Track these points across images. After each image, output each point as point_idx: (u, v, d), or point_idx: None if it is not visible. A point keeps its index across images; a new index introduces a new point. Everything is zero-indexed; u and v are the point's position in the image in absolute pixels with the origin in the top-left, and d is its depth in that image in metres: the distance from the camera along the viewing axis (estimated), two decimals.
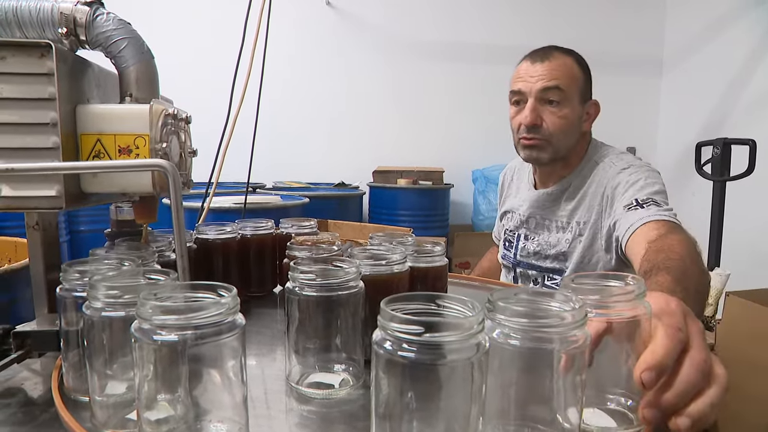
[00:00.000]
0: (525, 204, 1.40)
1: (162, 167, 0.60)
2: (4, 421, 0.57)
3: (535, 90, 1.21)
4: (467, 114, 3.65)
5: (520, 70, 1.26)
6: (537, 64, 1.22)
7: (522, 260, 1.39)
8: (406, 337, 0.39)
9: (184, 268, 0.60)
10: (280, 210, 2.03)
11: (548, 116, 1.22)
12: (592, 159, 1.29)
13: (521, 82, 1.24)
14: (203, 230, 0.93)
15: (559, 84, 1.20)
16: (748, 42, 3.05)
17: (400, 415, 0.42)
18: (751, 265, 2.65)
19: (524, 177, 1.47)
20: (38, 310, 0.71)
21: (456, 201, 3.56)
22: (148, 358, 0.45)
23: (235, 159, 1.32)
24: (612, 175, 1.21)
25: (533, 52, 1.26)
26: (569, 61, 1.23)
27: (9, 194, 0.62)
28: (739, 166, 2.30)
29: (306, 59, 3.48)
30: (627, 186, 1.16)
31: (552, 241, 1.31)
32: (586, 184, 1.26)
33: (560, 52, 1.24)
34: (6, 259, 1.50)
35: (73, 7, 0.67)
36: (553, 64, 1.21)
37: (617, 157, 1.27)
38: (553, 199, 1.32)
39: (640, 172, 1.18)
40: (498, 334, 0.44)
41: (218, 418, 0.48)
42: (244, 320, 0.47)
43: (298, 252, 0.77)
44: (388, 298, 0.44)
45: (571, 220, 1.28)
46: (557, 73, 1.20)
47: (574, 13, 3.66)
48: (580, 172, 1.29)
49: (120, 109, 0.67)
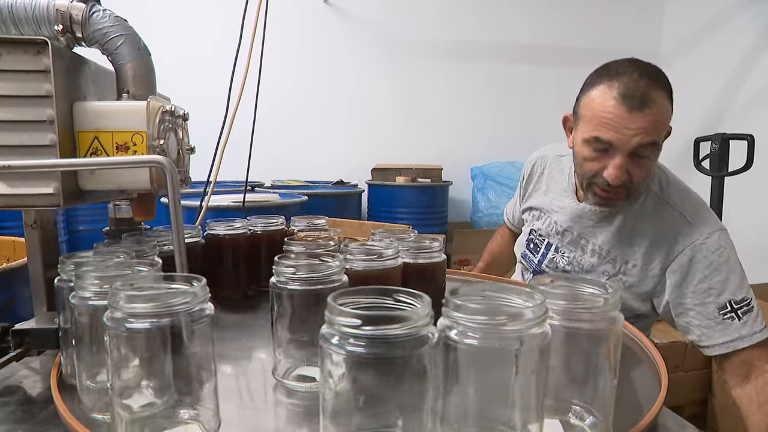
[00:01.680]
0: (564, 214, 1.22)
1: (160, 163, 0.60)
2: (3, 419, 0.57)
3: (629, 147, 0.98)
4: (466, 111, 3.65)
5: (609, 113, 0.98)
6: (636, 114, 0.97)
7: (547, 271, 1.26)
8: (350, 331, 0.39)
9: (183, 264, 0.60)
10: (279, 208, 2.03)
11: (636, 171, 1.02)
12: (651, 191, 1.12)
13: (613, 133, 0.98)
14: (213, 226, 0.96)
15: (657, 139, 0.99)
16: (746, 38, 3.05)
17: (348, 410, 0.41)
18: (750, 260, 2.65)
19: (560, 178, 1.28)
20: (37, 309, 0.71)
21: (455, 198, 3.56)
22: (119, 346, 0.46)
23: (233, 157, 1.32)
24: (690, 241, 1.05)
25: (629, 95, 0.97)
26: (665, 101, 1.00)
27: (6, 192, 0.62)
28: (737, 162, 2.30)
29: (304, 57, 3.47)
30: (710, 268, 1.03)
31: (585, 265, 1.17)
32: (644, 222, 1.10)
33: (656, 89, 0.98)
34: (4, 258, 1.50)
35: (69, 4, 0.67)
36: (654, 113, 0.97)
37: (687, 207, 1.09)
38: (599, 220, 1.15)
39: (723, 250, 1.04)
40: (455, 333, 0.43)
41: (189, 405, 0.50)
42: (213, 310, 0.50)
43: (295, 247, 0.77)
44: (338, 293, 0.43)
45: (615, 253, 1.12)
46: (657, 126, 0.98)
47: (573, 10, 3.66)
48: (637, 202, 1.11)
49: (117, 105, 0.67)
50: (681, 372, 1.97)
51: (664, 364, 0.67)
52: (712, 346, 1.01)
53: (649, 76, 1.00)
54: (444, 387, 0.43)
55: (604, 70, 1.04)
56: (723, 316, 1.00)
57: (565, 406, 0.54)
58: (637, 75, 0.99)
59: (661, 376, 0.66)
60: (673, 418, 0.62)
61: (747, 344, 0.98)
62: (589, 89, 1.04)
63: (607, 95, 1.00)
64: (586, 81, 1.08)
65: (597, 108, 1.01)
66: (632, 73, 0.99)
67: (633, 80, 0.98)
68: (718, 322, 1.01)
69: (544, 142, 1.45)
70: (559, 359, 0.51)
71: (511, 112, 3.61)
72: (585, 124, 1.04)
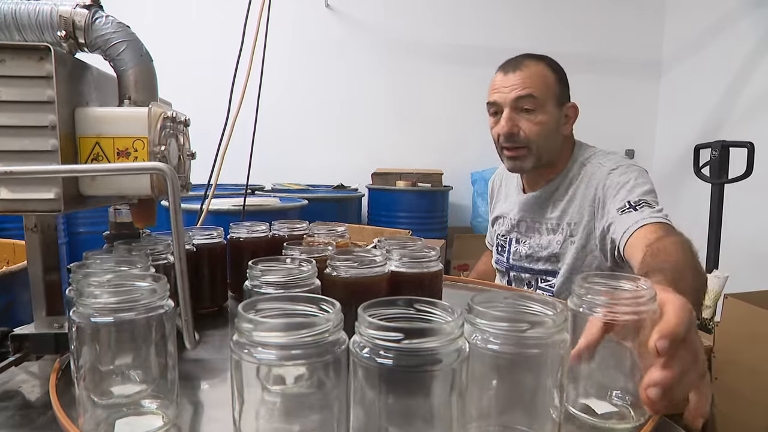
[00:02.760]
0: (515, 208, 1.41)
1: (161, 170, 0.60)
2: (2, 424, 0.57)
3: (509, 100, 1.23)
4: (466, 116, 3.66)
5: (495, 82, 1.28)
6: (510, 75, 1.24)
7: (515, 264, 1.40)
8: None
9: (183, 270, 0.60)
10: (279, 212, 2.03)
11: (524, 124, 1.24)
12: (578, 160, 1.31)
13: (496, 94, 1.26)
14: (236, 229, 0.99)
15: (532, 92, 1.22)
16: (746, 44, 3.06)
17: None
18: (750, 267, 2.66)
19: (512, 182, 1.49)
20: (36, 313, 0.71)
21: (455, 203, 3.57)
22: (85, 339, 0.50)
23: (234, 161, 1.32)
24: (602, 176, 1.23)
25: (505, 63, 1.28)
26: (541, 67, 1.25)
27: (8, 197, 0.62)
28: (737, 169, 2.30)
29: (305, 61, 3.48)
30: (618, 187, 1.18)
31: (543, 243, 1.33)
32: (574, 186, 1.28)
33: (532, 59, 1.26)
34: (4, 261, 1.50)
35: (72, 10, 0.67)
36: (525, 73, 1.23)
37: (605, 158, 1.28)
38: (542, 202, 1.34)
39: (630, 172, 1.20)
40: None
41: (150, 396, 0.55)
42: (172, 305, 0.54)
43: (291, 251, 0.77)
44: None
45: (561, 221, 1.29)
46: (529, 81, 1.22)
47: (573, 15, 3.67)
48: (567, 173, 1.31)
49: (119, 111, 0.67)
50: None
51: None
52: (618, 240, 1.10)
53: (529, 54, 1.28)
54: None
55: None
56: (621, 213, 1.12)
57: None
58: (519, 55, 1.29)
59: None
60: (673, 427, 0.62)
61: (641, 224, 1.05)
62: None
63: (495, 74, 1.30)
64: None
65: (490, 85, 1.31)
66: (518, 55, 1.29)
67: (514, 57, 1.29)
68: (618, 219, 1.12)
69: None
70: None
71: None
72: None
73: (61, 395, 0.57)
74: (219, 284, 0.98)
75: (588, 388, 0.58)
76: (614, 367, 0.58)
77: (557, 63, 1.30)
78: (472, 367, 0.43)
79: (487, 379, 0.45)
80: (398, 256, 0.74)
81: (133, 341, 0.52)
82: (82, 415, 0.52)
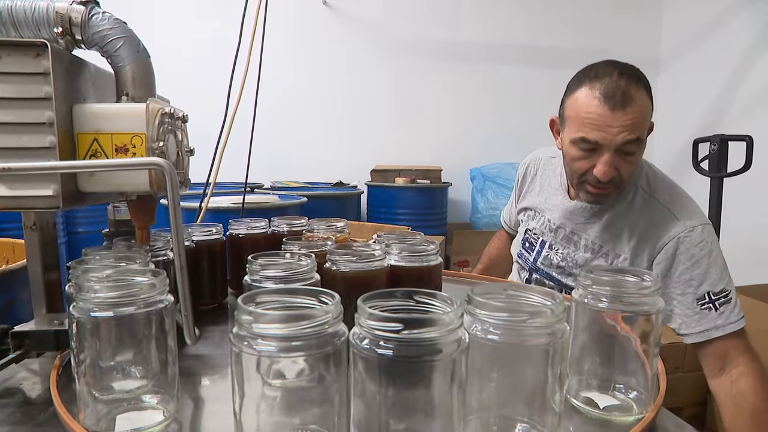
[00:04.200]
0: (556, 212, 1.26)
1: (159, 166, 0.60)
2: (2, 421, 0.57)
3: (615, 144, 1.03)
4: (465, 112, 3.66)
5: (594, 114, 1.03)
6: (618, 113, 1.01)
7: (542, 268, 1.29)
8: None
9: (182, 266, 0.60)
10: (278, 210, 2.03)
11: (624, 166, 1.07)
12: (640, 187, 1.17)
13: (597, 133, 1.03)
14: (235, 225, 1.00)
15: (641, 135, 1.04)
16: (744, 39, 3.06)
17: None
18: (749, 261, 2.66)
19: (552, 178, 1.33)
20: (36, 311, 0.71)
21: (454, 199, 3.56)
22: (85, 334, 0.51)
23: (232, 159, 1.32)
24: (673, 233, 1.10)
25: (609, 92, 1.02)
26: (645, 98, 1.04)
27: (6, 194, 0.62)
28: (736, 163, 2.30)
29: (303, 58, 3.48)
30: (693, 260, 1.07)
31: (578, 259, 1.21)
32: (634, 218, 1.14)
33: (635, 87, 1.03)
34: (4, 259, 1.50)
35: (68, 6, 0.67)
36: (635, 110, 1.02)
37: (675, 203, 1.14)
38: (590, 216, 1.20)
39: (705, 243, 1.08)
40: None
41: (151, 391, 0.55)
42: (172, 300, 0.54)
43: (291, 246, 0.77)
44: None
45: (606, 247, 1.17)
46: (639, 122, 1.03)
47: (572, 12, 3.67)
48: (626, 197, 1.16)
49: (116, 108, 0.67)
50: (680, 373, 1.97)
51: (663, 365, 0.67)
52: (689, 335, 1.06)
53: (628, 75, 1.05)
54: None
55: (585, 72, 1.09)
56: (701, 307, 1.05)
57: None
58: (616, 75, 1.04)
59: (660, 376, 0.66)
60: (672, 419, 0.62)
61: (721, 333, 1.02)
62: (573, 92, 1.09)
63: (589, 96, 1.04)
64: (570, 84, 1.12)
65: (581, 109, 1.05)
66: (612, 73, 1.04)
67: (613, 80, 1.03)
68: (696, 312, 1.05)
69: (543, 143, 1.45)
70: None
71: (510, 113, 3.61)
72: (571, 125, 1.09)
73: (62, 391, 0.57)
74: (218, 281, 0.98)
75: (590, 381, 0.59)
76: (617, 360, 0.58)
77: (647, 80, 1.08)
78: (472, 358, 0.43)
79: (487, 370, 0.45)
80: (397, 250, 0.75)
81: (133, 336, 0.53)
82: (83, 411, 0.53)
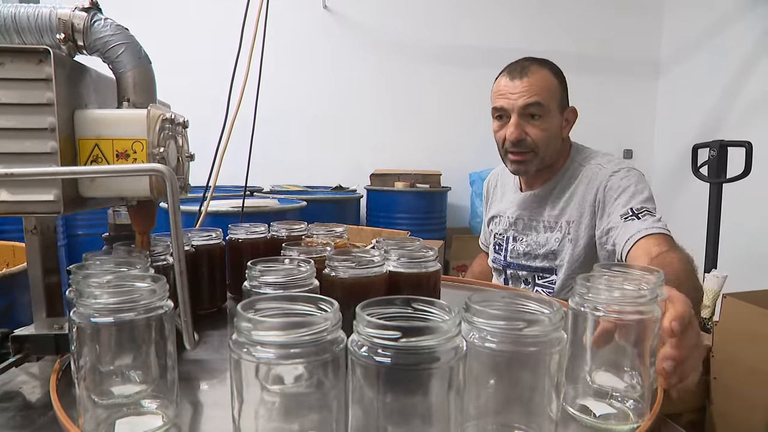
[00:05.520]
0: (512, 207, 1.44)
1: (160, 172, 0.61)
2: (2, 425, 0.57)
3: (517, 107, 1.26)
4: (465, 117, 3.66)
5: (500, 87, 1.30)
6: (516, 81, 1.26)
7: (512, 261, 1.43)
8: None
9: (182, 271, 0.60)
10: (278, 214, 2.03)
11: (531, 130, 1.27)
12: (575, 161, 1.35)
13: (503, 99, 1.28)
14: (234, 230, 1.00)
15: (539, 99, 1.25)
16: (744, 45, 3.07)
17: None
18: (748, 266, 2.66)
19: (509, 181, 1.52)
20: (36, 314, 0.71)
21: (453, 204, 3.57)
22: (85, 340, 0.51)
23: (232, 163, 1.33)
24: (603, 178, 1.26)
25: (511, 68, 1.30)
26: (546, 73, 1.28)
27: (7, 199, 0.62)
28: (735, 168, 2.31)
29: (304, 63, 3.49)
30: (619, 191, 1.22)
31: (541, 240, 1.36)
32: (573, 185, 1.32)
33: (536, 65, 1.28)
34: (4, 263, 1.50)
35: (70, 12, 0.67)
36: (531, 80, 1.25)
37: (603, 158, 1.32)
38: (540, 200, 1.37)
39: (630, 176, 1.24)
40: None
41: (150, 396, 0.56)
42: (172, 305, 0.55)
43: (290, 252, 0.77)
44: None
45: (560, 219, 1.33)
46: (536, 88, 1.25)
47: (571, 16, 3.68)
48: (565, 173, 1.35)
49: (118, 113, 0.67)
50: None
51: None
52: (622, 247, 1.13)
53: (534, 59, 1.31)
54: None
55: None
56: (624, 219, 1.16)
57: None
58: (523, 59, 1.32)
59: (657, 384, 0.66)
60: (670, 427, 0.62)
61: (645, 234, 1.10)
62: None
63: (500, 77, 1.33)
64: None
65: (494, 89, 1.33)
66: (521, 59, 1.33)
67: (518, 61, 1.32)
68: (622, 225, 1.16)
69: None
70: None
71: None
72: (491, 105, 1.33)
73: (62, 396, 0.57)
74: (218, 285, 0.98)
75: (586, 389, 0.59)
76: (613, 367, 0.58)
77: (558, 68, 1.33)
78: (470, 366, 0.43)
79: (484, 378, 0.45)
80: (396, 257, 0.75)
81: (133, 341, 0.53)
82: (83, 415, 0.53)
